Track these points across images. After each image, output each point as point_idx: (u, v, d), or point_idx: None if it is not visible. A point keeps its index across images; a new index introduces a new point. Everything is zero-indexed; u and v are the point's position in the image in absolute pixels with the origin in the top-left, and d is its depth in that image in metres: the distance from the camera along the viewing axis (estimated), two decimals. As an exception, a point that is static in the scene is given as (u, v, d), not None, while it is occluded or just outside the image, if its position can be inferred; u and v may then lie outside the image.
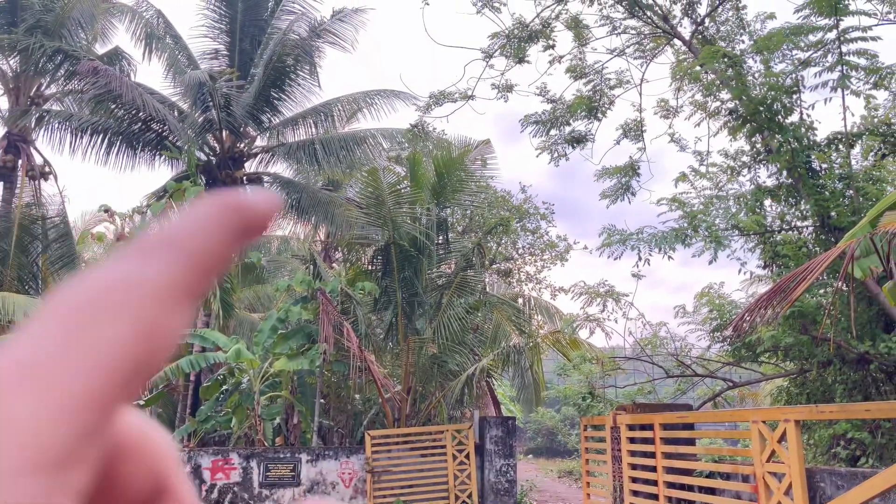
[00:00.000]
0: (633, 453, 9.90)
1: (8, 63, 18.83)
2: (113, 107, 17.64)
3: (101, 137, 18.10)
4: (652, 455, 9.32)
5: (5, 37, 17.94)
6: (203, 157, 18.43)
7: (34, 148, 18.95)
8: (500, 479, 13.26)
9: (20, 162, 18.53)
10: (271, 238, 29.18)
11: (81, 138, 18.10)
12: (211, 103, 17.58)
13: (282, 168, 20.09)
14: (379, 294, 15.02)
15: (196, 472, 12.52)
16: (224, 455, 12.70)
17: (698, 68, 10.57)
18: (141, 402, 13.50)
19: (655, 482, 9.14)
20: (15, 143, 18.49)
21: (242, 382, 13.84)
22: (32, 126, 18.58)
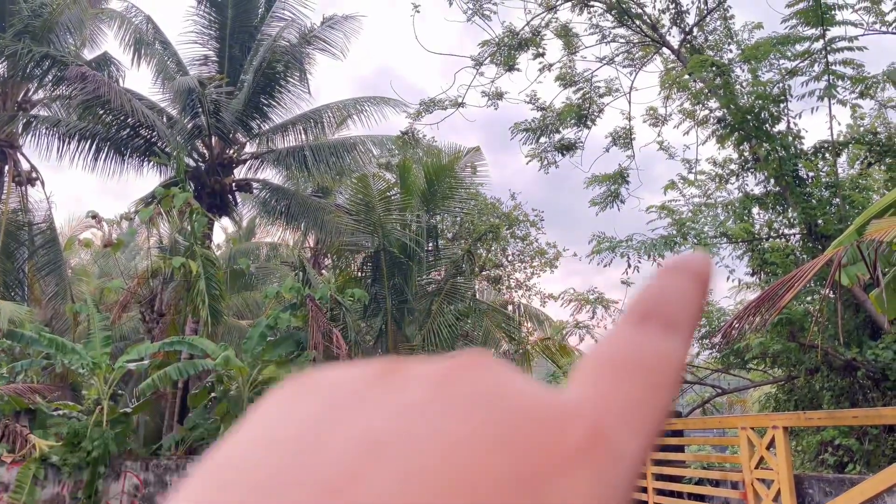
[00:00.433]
0: (623, 460, 9.90)
1: (-5, 68, 18.71)
2: (101, 112, 17.52)
3: (89, 143, 17.97)
4: (641, 462, 9.33)
5: (-8, 42, 17.83)
6: (192, 164, 18.34)
7: (21, 154, 18.79)
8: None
9: (6, 168, 18.37)
10: (260, 245, 29.09)
11: (69, 144, 17.96)
12: (200, 109, 17.51)
13: (271, 174, 20.03)
14: (368, 301, 14.99)
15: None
16: (212, 463, 12.60)
17: (687, 77, 10.65)
18: (128, 410, 13.39)
19: (644, 489, 9.16)
20: (1, 149, 18.33)
21: (231, 390, 13.75)
22: (19, 132, 18.44)
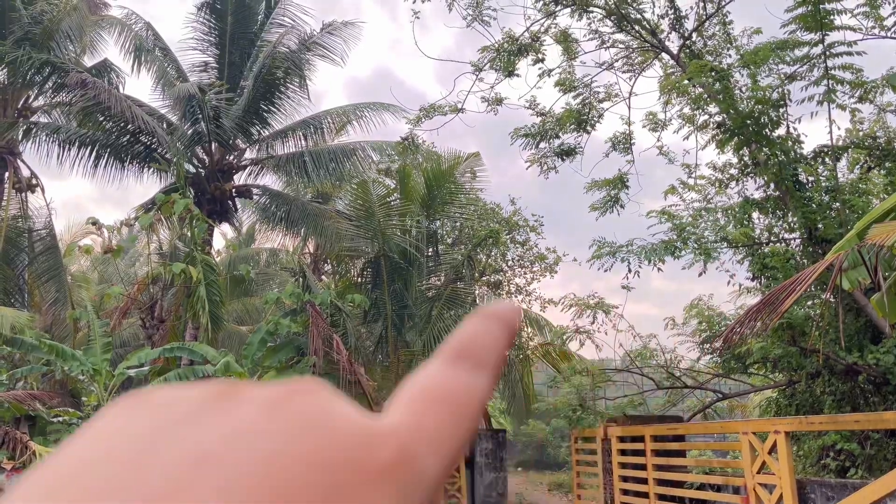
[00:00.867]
0: (624, 465, 9.90)
1: (-5, 75, 18.74)
2: (101, 119, 17.55)
3: (89, 150, 17.99)
4: (643, 467, 9.32)
5: (-8, 49, 17.86)
6: (192, 170, 18.35)
7: (21, 160, 18.81)
8: (491, 493, 13.21)
9: (6, 174, 18.38)
10: (260, 251, 29.09)
11: (69, 151, 17.97)
12: (200, 115, 17.54)
13: (271, 180, 20.04)
14: (369, 306, 14.98)
15: (184, 488, 12.39)
16: (212, 470, 12.58)
17: (686, 82, 10.67)
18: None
19: (647, 494, 9.13)
20: (1, 156, 18.35)
21: (231, 396, 13.73)
22: (19, 138, 18.46)
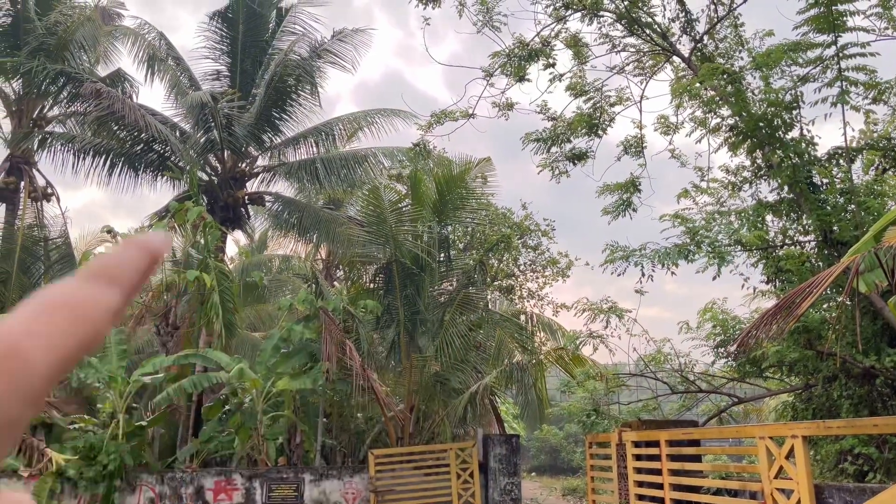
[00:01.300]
0: (639, 470, 9.84)
1: (11, 86, 18.95)
2: (115, 128, 17.72)
3: (104, 159, 18.16)
4: (658, 472, 9.26)
5: (8, 60, 18.08)
6: (205, 178, 18.49)
7: (36, 170, 19.01)
8: (505, 498, 13.16)
9: (23, 184, 18.58)
10: (272, 257, 29.19)
11: (84, 160, 18.14)
12: (213, 124, 17.66)
13: (283, 187, 20.15)
14: (381, 312, 14.99)
15: (199, 494, 12.43)
16: (227, 476, 12.63)
17: (698, 85, 10.64)
18: (143, 423, 13.43)
19: (662, 500, 9.07)
20: (17, 166, 18.55)
21: (245, 402, 13.78)
22: (35, 148, 18.64)
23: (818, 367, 9.74)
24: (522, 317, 18.56)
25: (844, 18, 9.38)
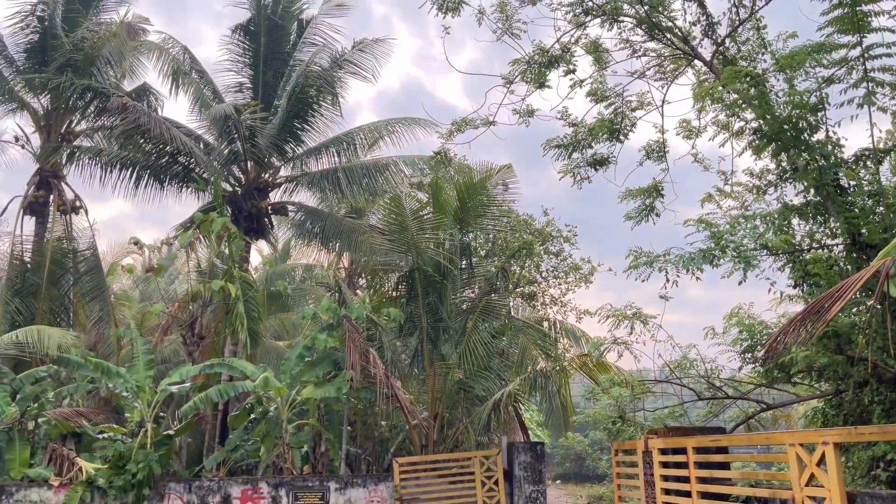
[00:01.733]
0: (667, 478, 9.75)
1: (39, 101, 19.36)
2: (141, 141, 18.02)
3: (130, 171, 18.47)
4: (686, 480, 9.17)
5: (36, 76, 18.47)
6: (229, 188, 18.70)
7: (65, 183, 19.37)
8: (531, 506, 13.09)
9: (52, 197, 18.95)
10: (296, 266, 29.42)
11: (111, 173, 18.48)
12: (236, 135, 17.89)
13: (306, 197, 20.32)
14: (404, 320, 15.03)
15: (226, 502, 12.53)
16: (253, 484, 12.72)
17: (720, 89, 10.55)
18: (171, 432, 13.58)
19: (690, 508, 8.96)
20: (46, 179, 18.92)
21: (270, 411, 13.87)
22: (63, 162, 19.01)
23: (848, 373, 9.57)
24: (545, 323, 18.49)
25: (869, 19, 9.26)
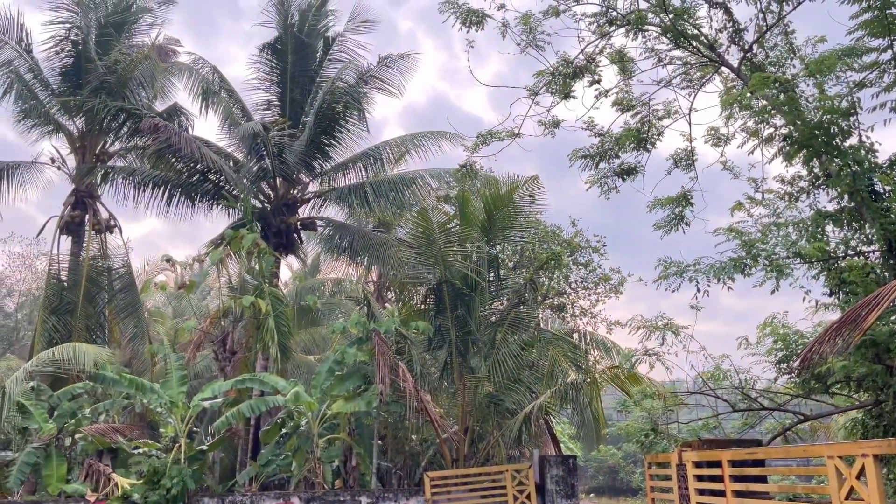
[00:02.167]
0: (702, 492, 9.56)
1: (74, 123, 19.85)
2: (173, 160, 18.37)
3: (162, 190, 18.83)
4: (721, 494, 8.99)
5: (71, 98, 18.96)
6: (258, 205, 18.96)
7: (100, 203, 19.80)
8: (563, 521, 12.94)
9: (87, 217, 19.37)
10: (325, 281, 29.64)
11: (143, 192, 18.86)
12: (265, 152, 18.15)
13: (334, 212, 20.51)
14: (433, 333, 15.03)
15: (258, 517, 12.60)
16: (285, 499, 12.77)
17: (749, 95, 10.43)
18: (204, 447, 13.72)
19: (727, 522, 8.78)
20: (82, 200, 19.36)
21: (301, 425, 13.95)
22: (98, 182, 19.45)
23: (888, 382, 9.33)
24: (575, 335, 18.35)
25: (900, 21, 9.10)
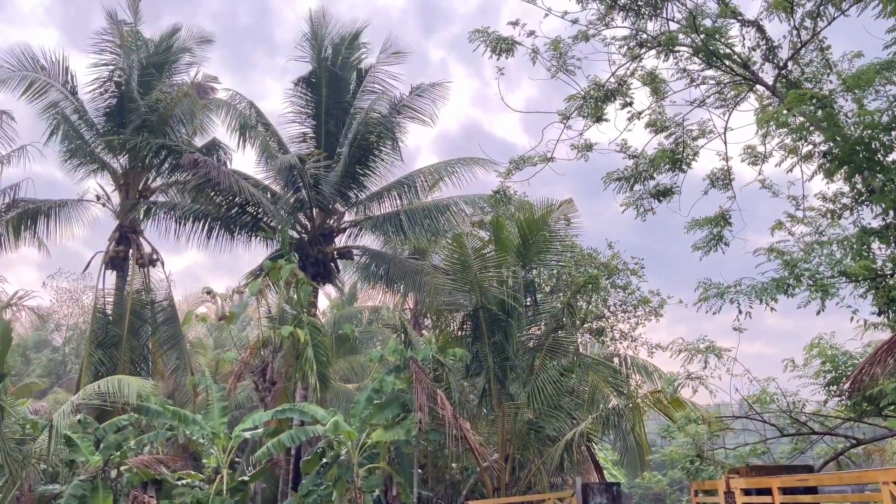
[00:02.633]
0: (752, 521, 9.26)
1: (118, 161, 20.47)
2: (212, 194, 18.81)
3: (202, 223, 19.27)
4: (773, 522, 8.69)
5: (115, 137, 19.59)
6: (296, 235, 19.24)
7: (143, 237, 20.32)
8: (609, 550, 12.63)
9: (131, 252, 19.88)
10: (362, 309, 29.81)
11: (184, 225, 19.33)
12: (301, 184, 18.45)
13: (370, 240, 20.69)
14: (470, 360, 14.96)
15: (300, 548, 12.58)
16: (326, 530, 12.73)
17: (785, 112, 10.26)
18: (246, 478, 13.79)
19: (780, 552, 8.48)
20: (126, 235, 19.89)
21: (341, 455, 13.94)
22: (141, 217, 19.99)
23: (945, 404, 8.97)
24: (616, 359, 18.07)
25: (940, 32, 8.91)
